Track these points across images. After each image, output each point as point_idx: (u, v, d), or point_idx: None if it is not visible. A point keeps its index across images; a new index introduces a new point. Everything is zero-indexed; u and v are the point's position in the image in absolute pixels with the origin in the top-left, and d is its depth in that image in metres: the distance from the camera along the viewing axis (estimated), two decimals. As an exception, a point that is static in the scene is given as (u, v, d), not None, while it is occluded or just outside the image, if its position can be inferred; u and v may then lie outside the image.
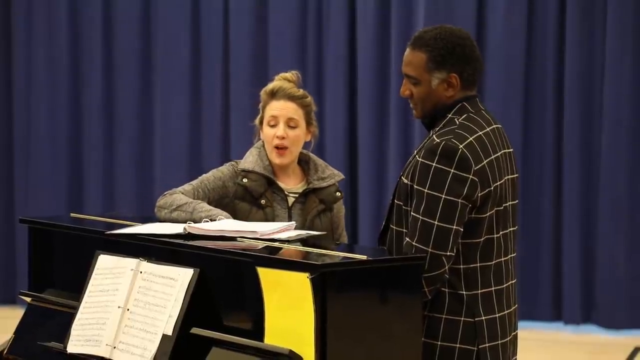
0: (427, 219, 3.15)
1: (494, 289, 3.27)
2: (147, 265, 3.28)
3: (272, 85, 3.93)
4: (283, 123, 3.86)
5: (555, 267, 7.95)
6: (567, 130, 7.84)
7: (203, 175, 3.90)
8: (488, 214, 3.22)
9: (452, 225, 3.15)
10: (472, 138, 3.21)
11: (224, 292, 3.17)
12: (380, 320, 3.01)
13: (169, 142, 8.53)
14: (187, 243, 3.29)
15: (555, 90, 7.92)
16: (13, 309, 8.23)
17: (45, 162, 8.71)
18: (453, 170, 3.15)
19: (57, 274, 3.78)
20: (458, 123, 3.26)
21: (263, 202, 3.82)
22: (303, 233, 3.46)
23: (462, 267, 3.22)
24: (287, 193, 3.88)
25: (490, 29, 7.86)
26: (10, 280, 8.71)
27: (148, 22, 8.62)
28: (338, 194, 3.95)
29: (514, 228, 3.39)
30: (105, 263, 3.39)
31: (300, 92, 3.93)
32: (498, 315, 3.28)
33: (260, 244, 3.26)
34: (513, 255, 3.39)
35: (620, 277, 7.73)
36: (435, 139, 3.21)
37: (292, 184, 3.91)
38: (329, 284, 2.90)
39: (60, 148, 8.70)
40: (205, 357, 3.08)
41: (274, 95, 3.90)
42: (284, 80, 3.94)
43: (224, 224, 3.50)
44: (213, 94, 8.50)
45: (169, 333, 3.12)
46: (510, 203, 3.34)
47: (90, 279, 3.39)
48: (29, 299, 3.75)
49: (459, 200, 3.15)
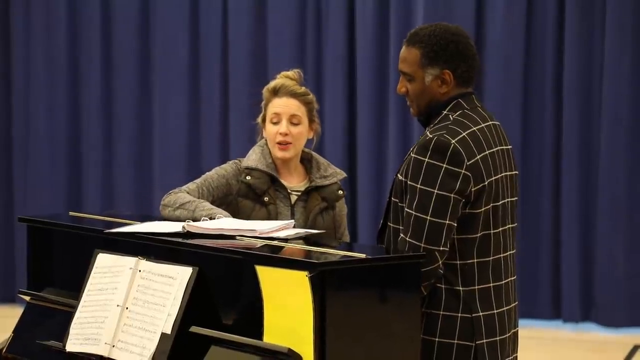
0: (420, 215, 3.15)
1: (493, 285, 3.27)
2: (146, 264, 3.28)
3: (274, 83, 3.94)
4: (286, 120, 3.88)
5: (555, 265, 7.95)
6: (566, 130, 7.84)
7: (206, 174, 3.91)
8: (483, 209, 3.21)
9: (444, 220, 3.15)
10: (465, 133, 3.21)
11: (223, 290, 3.17)
12: (379, 319, 3.01)
13: (168, 141, 8.53)
14: (186, 242, 3.29)
15: (554, 90, 7.92)
16: (12, 308, 8.23)
17: (44, 161, 8.71)
18: (445, 165, 3.15)
19: (56, 273, 3.78)
20: (452, 119, 3.26)
21: (266, 199, 3.82)
22: (302, 231, 3.46)
23: (458, 262, 3.22)
24: (289, 191, 3.89)
25: (489, 29, 7.86)
26: (10, 279, 8.71)
27: (147, 21, 8.61)
28: (340, 192, 3.96)
29: (513, 225, 3.39)
30: (104, 262, 3.39)
31: (302, 89, 3.95)
32: (496, 312, 3.28)
33: (259, 243, 3.26)
34: (512, 252, 3.39)
35: (619, 275, 7.73)
36: (428, 135, 3.22)
37: (294, 182, 3.92)
38: (328, 283, 2.90)
39: (59, 147, 8.70)
40: (204, 355, 3.08)
41: (277, 93, 3.91)
42: (286, 78, 3.96)
43: (223, 223, 3.50)
44: (212, 94, 8.49)
45: (168, 332, 3.12)
46: (509, 200, 3.34)
47: (89, 278, 3.39)
48: (28, 298, 3.75)
49: (452, 195, 3.15)
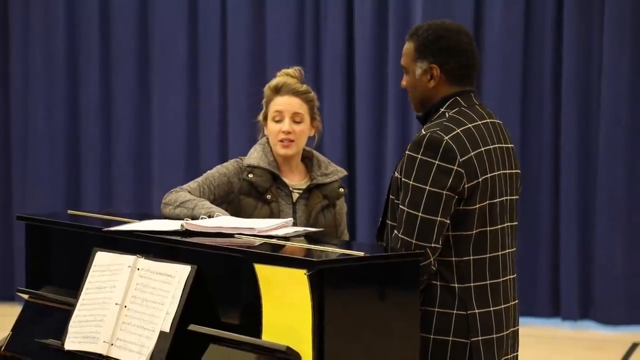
0: (411, 211, 3.15)
1: (489, 283, 3.27)
2: (144, 262, 3.28)
3: (275, 81, 3.94)
4: (288, 118, 3.88)
5: (553, 263, 7.96)
6: (565, 130, 7.84)
7: (208, 172, 3.91)
8: (478, 206, 3.21)
9: (436, 217, 3.14)
10: (459, 130, 3.21)
11: (222, 288, 3.17)
12: (378, 316, 3.01)
13: (167, 140, 8.53)
14: (184, 240, 3.29)
15: (553, 90, 7.92)
16: (11, 306, 8.24)
17: (43, 160, 8.71)
18: (437, 162, 3.15)
19: (54, 271, 3.78)
20: (448, 116, 3.27)
21: (269, 197, 3.82)
22: (300, 230, 3.46)
23: (453, 259, 3.22)
24: (291, 189, 3.89)
25: (488, 28, 7.86)
26: (8, 278, 8.72)
27: (145, 21, 8.61)
28: (341, 190, 3.97)
29: (513, 223, 3.38)
30: (103, 260, 3.39)
31: (304, 87, 3.95)
32: (493, 309, 3.27)
33: (258, 241, 3.26)
34: (512, 250, 3.39)
35: (618, 273, 7.73)
36: (422, 132, 3.22)
37: (296, 180, 3.92)
38: (327, 281, 2.90)
39: (58, 147, 8.70)
40: (203, 353, 3.08)
41: (279, 91, 3.91)
42: (288, 76, 3.96)
43: (222, 221, 3.50)
44: (210, 93, 8.50)
45: (167, 330, 3.12)
46: (508, 198, 3.33)
47: (88, 276, 3.39)
48: (27, 296, 3.75)
49: (444, 192, 3.15)
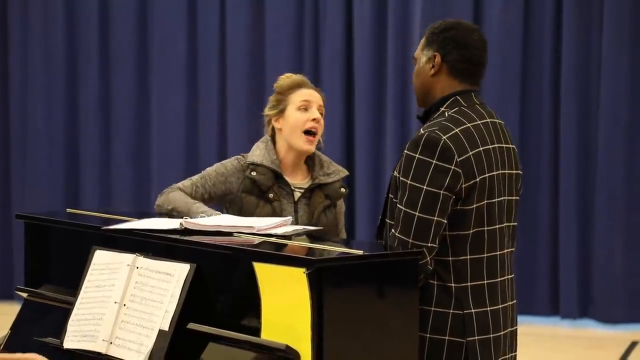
0: (409, 210, 3.15)
1: (487, 282, 3.26)
2: (143, 261, 3.28)
3: (294, 77, 3.98)
4: (316, 107, 3.89)
5: (552, 262, 7.97)
6: (563, 129, 7.85)
7: (206, 170, 3.91)
8: (475, 206, 3.21)
9: (433, 217, 3.14)
10: (457, 130, 3.21)
11: (221, 287, 3.16)
12: (377, 315, 3.01)
13: (166, 138, 8.54)
14: (183, 238, 3.29)
15: (552, 89, 7.93)
16: (10, 305, 8.24)
17: (42, 159, 8.71)
18: (435, 162, 3.15)
19: (53, 270, 3.77)
20: (447, 116, 3.27)
21: (271, 196, 3.82)
22: (299, 228, 3.46)
23: (450, 259, 3.21)
24: (293, 188, 3.89)
25: (487, 28, 7.87)
26: (7, 276, 8.73)
27: (144, 20, 8.62)
28: (343, 190, 3.98)
29: (512, 223, 3.37)
30: (102, 258, 3.39)
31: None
32: (490, 309, 3.27)
33: (257, 239, 3.26)
34: (510, 250, 3.38)
35: (617, 272, 7.74)
36: (421, 131, 3.22)
37: (298, 179, 3.92)
38: (326, 279, 2.90)
39: (57, 146, 8.71)
40: (202, 352, 3.08)
41: (303, 84, 3.95)
42: (302, 76, 4.02)
43: (221, 219, 3.50)
44: (209, 93, 8.50)
45: (166, 328, 3.12)
46: (506, 198, 3.33)
47: (87, 275, 3.39)
48: (26, 295, 3.75)
49: (441, 192, 3.15)
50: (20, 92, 8.75)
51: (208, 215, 3.59)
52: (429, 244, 3.15)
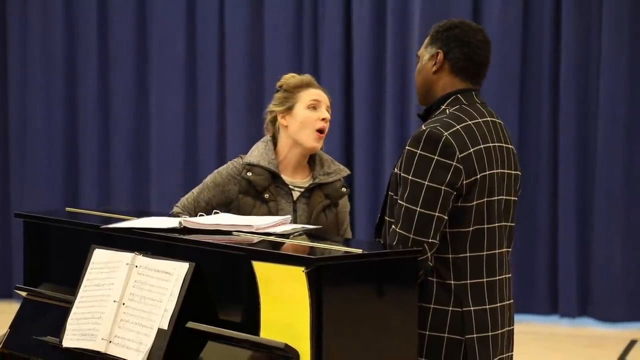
0: (410, 206, 3.15)
1: (486, 280, 3.27)
2: (142, 260, 3.28)
3: (301, 77, 4.00)
4: (325, 108, 3.91)
5: (552, 261, 7.97)
6: (563, 129, 7.85)
7: (205, 180, 3.91)
8: (475, 203, 3.21)
9: (434, 212, 3.14)
10: (459, 126, 3.21)
11: (220, 286, 3.16)
12: (376, 314, 3.01)
13: (165, 137, 8.53)
14: (182, 237, 3.29)
15: (551, 89, 7.93)
16: (9, 304, 8.24)
17: (41, 159, 8.71)
18: (436, 157, 3.15)
19: (52, 269, 3.77)
20: (448, 113, 3.27)
21: (267, 196, 3.82)
22: (299, 227, 3.46)
23: (450, 256, 3.22)
24: (291, 187, 3.88)
25: (486, 27, 7.78)
26: (6, 275, 8.72)
27: (143, 20, 8.62)
28: (344, 190, 3.97)
29: (510, 224, 3.38)
30: (101, 257, 3.39)
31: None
32: (489, 307, 3.27)
33: (256, 238, 3.26)
34: (508, 250, 3.39)
35: (616, 270, 7.74)
36: (422, 127, 3.22)
37: (298, 178, 3.91)
38: (325, 278, 2.90)
39: (56, 145, 8.71)
40: (201, 351, 3.08)
41: (311, 84, 3.97)
42: (309, 77, 4.03)
43: (220, 218, 3.50)
44: (209, 91, 8.50)
45: (165, 327, 3.12)
46: (505, 197, 3.33)
47: (86, 273, 3.39)
48: (25, 294, 3.75)
49: (442, 188, 3.15)
50: (20, 91, 8.74)
51: None
52: (430, 240, 3.15)
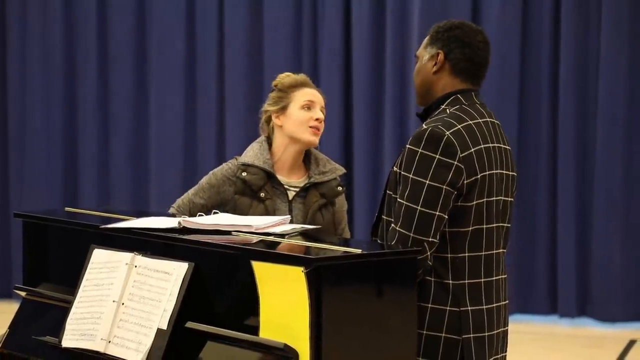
0: (410, 205, 3.15)
1: (483, 281, 3.27)
2: (141, 260, 3.28)
3: (296, 76, 3.98)
4: (319, 108, 3.90)
5: (551, 260, 7.97)
6: (562, 128, 7.85)
7: (200, 182, 3.92)
8: (475, 203, 3.21)
9: (435, 211, 3.15)
10: (460, 126, 3.22)
11: (219, 286, 3.16)
12: (376, 313, 3.01)
13: (164, 138, 8.54)
14: (181, 237, 3.29)
15: (550, 89, 7.93)
16: (8, 304, 8.24)
17: (41, 159, 8.71)
18: (438, 156, 3.15)
19: (51, 269, 3.77)
20: (449, 113, 3.28)
21: (262, 195, 3.82)
22: (298, 227, 3.46)
23: (449, 256, 3.22)
24: (286, 187, 3.88)
25: (485, 27, 7.83)
26: (5, 275, 8.72)
27: (143, 20, 8.62)
28: (339, 189, 3.97)
29: (506, 224, 3.38)
30: (100, 257, 3.39)
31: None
32: (486, 307, 3.27)
33: (255, 238, 3.26)
34: (504, 251, 3.39)
35: (615, 270, 7.74)
36: (423, 126, 3.22)
37: (294, 178, 3.92)
38: (324, 278, 2.89)
39: (56, 145, 8.71)
40: (200, 351, 3.08)
41: (306, 84, 3.96)
42: (304, 76, 4.01)
43: (219, 218, 3.50)
44: (208, 91, 8.50)
45: (164, 327, 3.12)
46: (503, 198, 3.33)
47: (85, 273, 3.39)
48: (24, 294, 3.74)
49: (443, 187, 3.15)
50: (19, 91, 8.74)
51: None
52: (430, 239, 3.15)
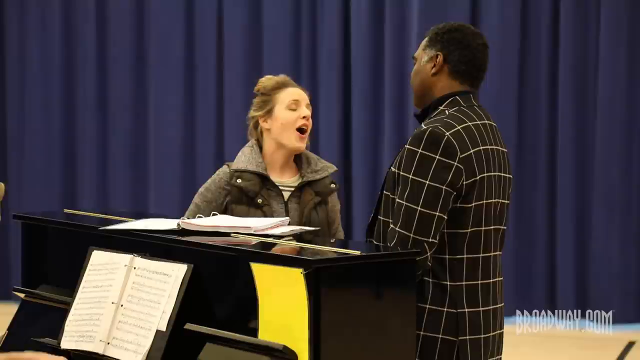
0: (410, 205, 3.15)
1: (481, 283, 3.27)
2: (140, 261, 3.27)
3: (277, 78, 3.98)
4: (304, 106, 3.90)
5: (550, 262, 7.97)
6: (561, 125, 7.85)
7: (195, 202, 3.90)
8: (474, 204, 3.21)
9: (435, 212, 3.14)
10: (459, 127, 3.22)
11: (218, 287, 3.16)
12: (375, 315, 3.01)
13: (163, 140, 8.54)
14: (181, 239, 3.29)
15: (549, 88, 7.93)
16: (7, 305, 8.22)
17: (39, 159, 8.71)
18: (438, 157, 3.15)
19: (50, 270, 3.77)
20: (448, 114, 3.28)
21: (260, 201, 3.82)
22: (297, 229, 3.46)
23: (447, 257, 3.22)
24: (281, 188, 3.88)
25: (484, 26, 7.87)
26: (4, 276, 8.72)
27: (142, 20, 8.62)
28: (333, 186, 3.97)
29: (502, 227, 3.38)
30: (99, 259, 3.38)
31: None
32: (482, 310, 3.27)
33: (254, 240, 3.26)
34: (500, 253, 3.40)
35: (614, 272, 7.74)
36: (423, 127, 3.22)
37: (286, 178, 3.92)
38: (323, 280, 2.89)
39: (54, 146, 8.71)
40: (199, 352, 3.07)
41: (288, 84, 3.96)
42: (285, 76, 4.00)
43: (218, 220, 3.49)
44: (207, 91, 8.51)
45: (163, 329, 3.12)
46: (500, 200, 3.33)
47: (84, 275, 3.39)
48: (23, 295, 3.74)
49: (443, 187, 3.15)
50: (18, 91, 8.74)
51: None
52: (430, 239, 3.15)
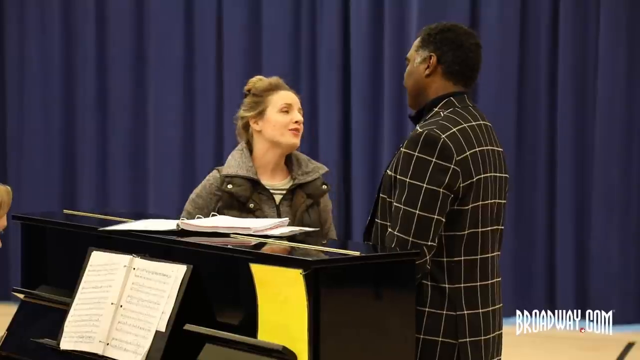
0: (408, 208, 3.15)
1: (479, 284, 3.26)
2: (140, 262, 3.27)
3: (269, 80, 3.95)
4: (297, 110, 3.89)
5: (549, 262, 7.96)
6: (560, 125, 7.85)
7: (187, 210, 3.85)
8: (471, 206, 3.21)
9: (433, 215, 3.14)
10: (455, 129, 3.21)
11: (217, 288, 3.16)
12: (374, 316, 3.01)
13: (163, 140, 8.53)
14: (180, 239, 3.29)
15: (549, 88, 7.93)
16: (6, 306, 8.22)
17: (39, 160, 8.71)
18: (435, 160, 3.15)
19: (50, 271, 3.77)
20: (443, 115, 3.27)
21: (251, 205, 3.80)
22: (296, 229, 3.46)
23: (445, 260, 3.21)
24: (272, 192, 3.86)
25: (484, 26, 7.87)
26: (4, 277, 8.71)
27: (141, 20, 8.62)
28: (325, 187, 3.95)
29: (500, 227, 3.38)
30: (98, 259, 3.39)
31: None
32: (481, 311, 3.27)
33: (254, 240, 3.26)
34: (498, 254, 3.39)
35: (614, 272, 7.74)
36: (418, 129, 3.22)
37: (277, 180, 3.90)
38: (322, 280, 2.89)
39: (54, 146, 8.70)
40: (199, 353, 3.07)
41: (281, 86, 3.93)
42: (278, 78, 3.98)
43: (218, 220, 3.49)
44: (206, 91, 8.50)
45: (162, 329, 3.12)
46: (497, 201, 3.33)
47: (84, 276, 3.39)
48: (22, 296, 3.74)
49: (440, 190, 3.15)
50: (17, 91, 8.74)
51: None
52: (429, 243, 3.15)
